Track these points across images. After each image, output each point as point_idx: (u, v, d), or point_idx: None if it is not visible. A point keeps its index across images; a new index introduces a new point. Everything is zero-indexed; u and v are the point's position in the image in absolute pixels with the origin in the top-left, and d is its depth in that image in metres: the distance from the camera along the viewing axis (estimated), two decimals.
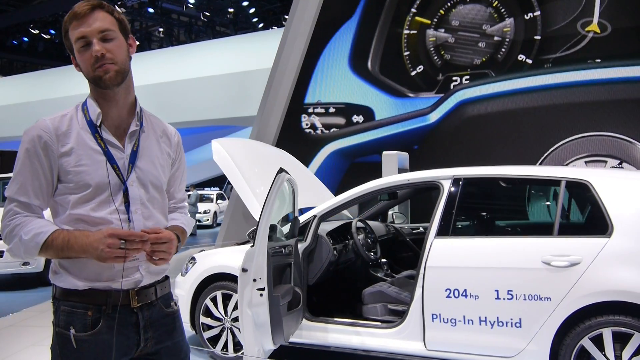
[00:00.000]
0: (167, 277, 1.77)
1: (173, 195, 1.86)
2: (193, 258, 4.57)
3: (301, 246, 4.02)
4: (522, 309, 3.31)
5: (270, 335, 3.32)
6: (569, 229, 3.63)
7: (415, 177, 4.08)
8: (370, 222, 5.07)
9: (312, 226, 4.11)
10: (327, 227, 4.42)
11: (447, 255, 3.59)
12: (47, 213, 1.66)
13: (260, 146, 5.66)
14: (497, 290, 3.36)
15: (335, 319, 3.97)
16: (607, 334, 3.12)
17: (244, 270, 3.29)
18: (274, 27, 22.49)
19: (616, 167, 3.97)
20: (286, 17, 11.41)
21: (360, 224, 4.62)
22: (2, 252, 7.26)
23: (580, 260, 3.20)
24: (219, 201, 20.20)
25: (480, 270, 3.45)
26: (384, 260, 4.65)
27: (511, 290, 3.33)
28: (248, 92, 15.51)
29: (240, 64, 16.78)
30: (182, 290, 4.46)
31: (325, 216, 4.20)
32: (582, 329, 3.18)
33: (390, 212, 5.93)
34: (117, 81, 1.62)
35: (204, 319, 4.35)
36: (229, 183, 20.56)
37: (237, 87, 16.36)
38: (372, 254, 4.48)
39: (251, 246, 3.32)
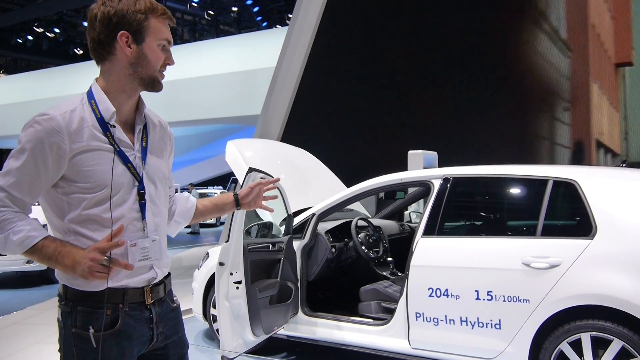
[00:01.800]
0: (169, 273, 1.80)
1: (170, 183, 1.90)
2: (207, 253, 4.75)
3: (300, 243, 4.12)
4: (502, 310, 3.27)
5: (250, 327, 3.45)
6: (552, 230, 3.52)
7: (408, 176, 4.12)
8: (382, 221, 5.07)
9: (310, 224, 4.19)
10: (329, 225, 4.46)
11: (430, 255, 3.60)
12: (38, 212, 1.64)
13: (280, 147, 5.63)
14: (477, 291, 3.35)
15: (329, 315, 4.05)
16: (585, 339, 3.05)
17: (220, 264, 3.45)
18: (277, 26, 22.55)
19: (618, 167, 3.86)
20: (290, 15, 11.46)
21: (362, 223, 4.60)
22: None
23: (560, 262, 3.13)
24: None
25: (461, 270, 3.44)
26: (390, 259, 4.64)
27: (491, 291, 3.30)
28: (252, 91, 15.58)
29: (244, 62, 16.84)
30: (197, 283, 4.65)
31: (324, 214, 4.24)
32: (561, 333, 3.12)
33: (409, 212, 5.84)
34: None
35: (213, 311, 4.48)
36: (232, 182, 20.59)
37: (241, 86, 16.43)
38: (372, 252, 4.47)
39: (226, 241, 3.46)
